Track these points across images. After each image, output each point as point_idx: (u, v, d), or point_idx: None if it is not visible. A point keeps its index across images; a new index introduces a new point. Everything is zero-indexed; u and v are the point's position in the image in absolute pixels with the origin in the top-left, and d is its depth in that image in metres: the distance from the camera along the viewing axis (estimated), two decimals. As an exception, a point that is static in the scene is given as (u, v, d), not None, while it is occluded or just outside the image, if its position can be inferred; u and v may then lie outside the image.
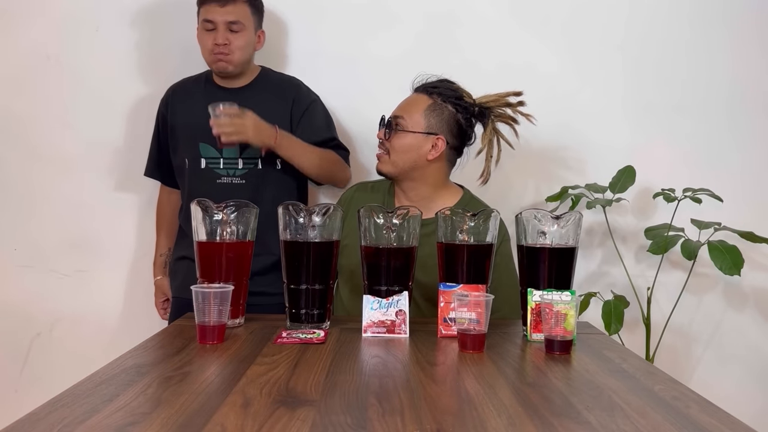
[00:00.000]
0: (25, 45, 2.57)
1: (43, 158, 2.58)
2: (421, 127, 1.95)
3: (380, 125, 2.01)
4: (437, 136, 1.96)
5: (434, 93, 1.96)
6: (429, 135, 1.95)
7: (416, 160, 1.96)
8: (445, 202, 1.98)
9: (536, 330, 1.60)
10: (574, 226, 1.65)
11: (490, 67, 2.55)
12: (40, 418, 1.04)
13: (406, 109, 1.97)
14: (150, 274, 2.52)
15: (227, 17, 2.21)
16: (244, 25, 2.24)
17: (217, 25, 2.22)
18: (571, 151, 2.56)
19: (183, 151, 2.30)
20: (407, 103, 1.99)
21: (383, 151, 1.99)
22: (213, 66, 2.27)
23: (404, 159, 1.96)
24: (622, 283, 2.48)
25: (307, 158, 2.22)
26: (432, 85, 1.98)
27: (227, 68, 2.26)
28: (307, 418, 1.06)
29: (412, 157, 1.96)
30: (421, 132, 1.95)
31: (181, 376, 1.28)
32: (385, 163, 1.98)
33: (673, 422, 1.09)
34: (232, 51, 2.23)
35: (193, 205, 1.69)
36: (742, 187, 2.53)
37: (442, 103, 1.96)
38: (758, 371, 2.56)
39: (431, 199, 1.98)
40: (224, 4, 2.21)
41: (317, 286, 1.66)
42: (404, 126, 1.94)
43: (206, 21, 2.22)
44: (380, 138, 1.99)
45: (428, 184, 2.00)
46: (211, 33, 2.23)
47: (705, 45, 2.55)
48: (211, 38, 2.22)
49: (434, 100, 1.96)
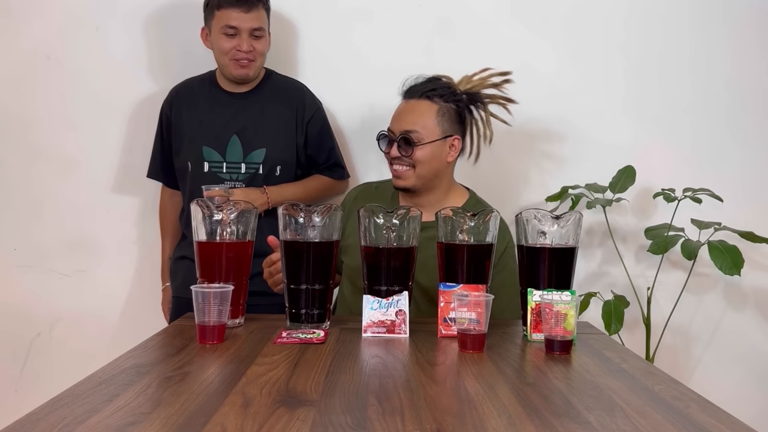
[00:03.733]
0: (25, 45, 2.57)
1: (42, 158, 2.58)
2: (437, 134, 1.94)
3: (386, 143, 1.97)
4: (453, 137, 1.97)
5: (435, 96, 1.95)
6: (446, 138, 1.96)
7: (438, 167, 1.96)
8: (452, 203, 1.97)
9: (536, 330, 1.60)
10: (574, 226, 1.65)
11: (489, 66, 2.54)
12: (40, 418, 1.04)
13: (417, 122, 1.94)
14: (151, 275, 2.52)
15: (252, 24, 2.19)
16: (264, 30, 2.23)
17: (240, 31, 2.18)
18: (572, 151, 2.56)
19: (186, 154, 2.30)
20: (415, 115, 1.95)
21: (405, 167, 1.94)
22: (235, 73, 2.24)
23: (429, 169, 1.95)
24: (622, 283, 2.48)
25: (299, 198, 2.21)
26: (430, 89, 1.96)
27: (249, 75, 2.25)
28: (307, 418, 1.06)
29: (435, 165, 1.95)
30: (439, 139, 1.94)
31: (181, 376, 1.28)
32: (408, 178, 1.95)
33: (673, 422, 1.09)
34: (256, 57, 2.22)
35: (193, 205, 1.69)
36: (743, 186, 2.53)
37: (446, 104, 1.96)
38: (758, 371, 2.56)
39: (441, 203, 1.97)
40: (248, 10, 2.17)
41: (317, 286, 1.66)
42: (422, 138, 1.92)
43: (228, 27, 2.18)
44: (394, 156, 1.95)
45: (442, 187, 2.00)
46: (232, 39, 2.19)
47: (705, 44, 2.55)
48: (232, 44, 2.19)
49: (438, 104, 1.96)
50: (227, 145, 2.26)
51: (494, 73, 2.04)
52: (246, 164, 2.26)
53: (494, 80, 2.04)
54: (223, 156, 2.26)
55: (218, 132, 2.27)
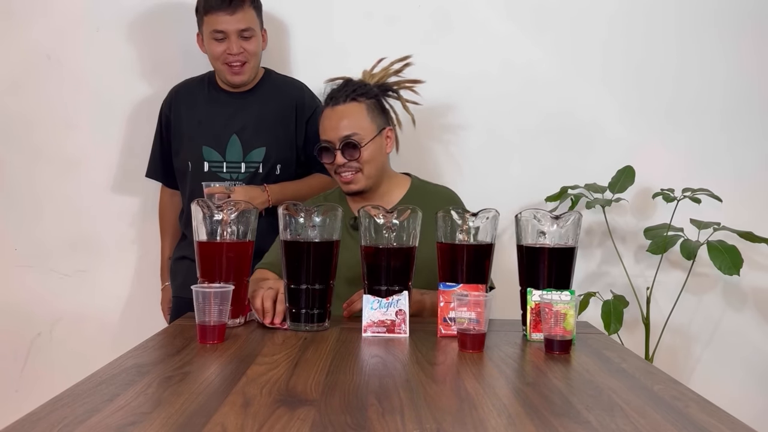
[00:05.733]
0: (26, 45, 2.57)
1: (43, 158, 2.58)
2: (374, 131, 1.98)
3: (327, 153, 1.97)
4: (387, 129, 2.02)
5: (359, 96, 1.98)
6: (381, 132, 2.00)
7: (382, 162, 2.01)
8: (398, 192, 2.03)
9: (536, 330, 1.60)
10: (574, 226, 1.65)
11: (490, 67, 2.55)
12: (40, 418, 1.05)
13: (353, 125, 1.95)
14: (151, 275, 2.52)
15: (239, 25, 2.18)
16: (254, 30, 2.22)
17: (228, 34, 2.18)
18: (571, 151, 2.56)
19: (185, 154, 2.30)
20: (349, 119, 1.96)
21: (353, 171, 1.96)
22: (229, 79, 2.24)
23: (375, 166, 1.98)
24: (622, 283, 2.48)
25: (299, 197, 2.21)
26: (352, 90, 1.99)
27: (244, 81, 2.25)
28: (307, 418, 1.06)
29: (379, 160, 1.99)
30: (377, 135, 1.98)
31: (181, 375, 1.28)
32: (359, 181, 1.97)
33: (672, 422, 1.09)
34: (248, 59, 2.22)
35: (193, 205, 1.69)
36: (742, 187, 2.53)
37: (369, 101, 2.00)
38: (758, 371, 2.57)
39: (389, 195, 2.02)
40: (234, 12, 2.16)
41: (317, 286, 1.66)
42: (363, 139, 1.95)
43: (216, 32, 2.18)
44: (340, 163, 1.96)
45: (385, 179, 2.03)
46: (222, 43, 2.19)
47: (705, 45, 2.55)
48: (223, 48, 2.19)
49: (364, 102, 1.99)
50: (227, 144, 2.26)
51: (394, 61, 2.09)
52: (246, 163, 2.26)
53: (395, 67, 2.09)
54: (223, 156, 2.26)
55: (218, 132, 2.27)
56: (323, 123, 1.99)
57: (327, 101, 2.01)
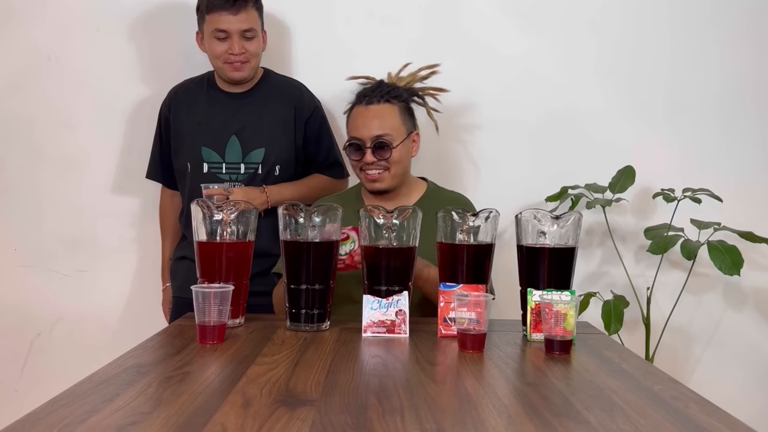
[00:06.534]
0: (25, 45, 2.57)
1: (43, 158, 2.58)
2: (404, 133, 2.01)
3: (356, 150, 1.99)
4: (414, 133, 2.06)
5: (392, 98, 2.01)
6: (410, 135, 2.03)
7: (408, 164, 2.06)
8: (415, 195, 2.06)
9: (536, 330, 1.60)
10: (574, 226, 1.65)
11: (489, 66, 2.55)
12: (40, 418, 1.05)
13: (385, 126, 1.98)
14: (151, 275, 2.52)
15: (242, 25, 2.17)
16: (256, 30, 2.22)
17: (231, 34, 2.18)
18: (571, 151, 2.56)
19: (185, 154, 2.30)
20: (382, 120, 1.99)
21: (381, 170, 1.98)
22: (230, 75, 2.24)
23: (402, 167, 2.02)
24: (622, 283, 2.48)
25: (299, 197, 2.20)
26: (385, 91, 2.02)
27: (245, 76, 2.25)
28: (307, 418, 1.06)
29: (406, 162, 2.04)
30: (406, 137, 2.01)
31: (181, 376, 1.28)
32: (385, 180, 1.99)
33: (672, 422, 1.09)
34: (249, 59, 2.22)
35: (193, 205, 1.69)
36: (742, 187, 2.53)
37: (401, 104, 2.03)
38: (758, 371, 2.57)
39: (406, 197, 2.05)
40: (237, 12, 2.16)
41: (317, 286, 1.66)
42: (394, 140, 1.98)
43: (218, 31, 2.17)
44: (369, 161, 1.97)
45: (406, 182, 2.07)
46: (224, 42, 2.19)
47: (705, 44, 2.55)
48: (224, 47, 2.19)
49: (396, 104, 2.02)
50: (226, 145, 2.26)
51: (422, 68, 2.13)
52: (245, 164, 2.26)
53: (422, 74, 2.13)
54: (222, 156, 2.26)
55: (217, 132, 2.27)
56: (355, 120, 2.01)
57: (360, 99, 2.03)
